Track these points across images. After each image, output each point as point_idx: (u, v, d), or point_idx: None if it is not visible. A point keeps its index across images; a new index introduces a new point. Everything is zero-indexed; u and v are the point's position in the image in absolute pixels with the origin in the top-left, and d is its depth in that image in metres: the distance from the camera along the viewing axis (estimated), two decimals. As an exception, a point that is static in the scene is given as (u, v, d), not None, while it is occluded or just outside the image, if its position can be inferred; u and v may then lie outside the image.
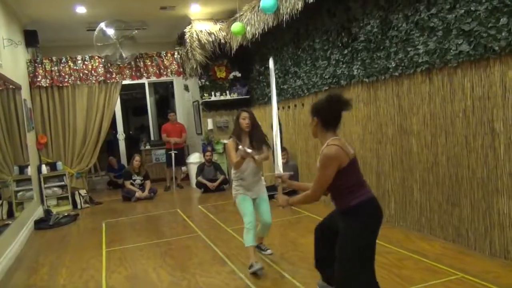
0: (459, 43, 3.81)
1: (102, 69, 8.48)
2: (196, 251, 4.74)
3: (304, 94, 6.73)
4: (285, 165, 7.31)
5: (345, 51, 5.53)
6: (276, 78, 7.67)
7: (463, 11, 3.73)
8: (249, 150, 3.71)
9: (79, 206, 7.98)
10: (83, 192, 8.17)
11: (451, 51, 3.90)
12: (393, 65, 4.66)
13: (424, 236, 4.44)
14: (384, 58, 4.81)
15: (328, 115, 2.65)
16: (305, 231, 5.09)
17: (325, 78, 6.06)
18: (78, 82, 8.36)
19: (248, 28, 7.13)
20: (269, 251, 4.28)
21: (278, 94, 7.64)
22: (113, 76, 8.59)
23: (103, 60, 8.47)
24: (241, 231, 4.05)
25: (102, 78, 8.50)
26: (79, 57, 8.37)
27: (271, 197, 4.16)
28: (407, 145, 4.65)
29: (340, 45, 5.64)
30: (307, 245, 4.53)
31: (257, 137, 4.02)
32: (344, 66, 5.60)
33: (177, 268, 4.23)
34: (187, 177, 9.79)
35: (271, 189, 4.98)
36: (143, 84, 10.92)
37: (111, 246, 5.23)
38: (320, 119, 2.67)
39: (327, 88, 6.04)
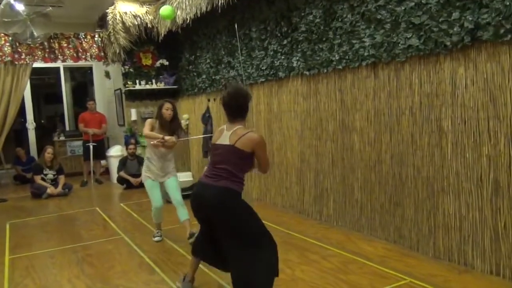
0: (408, 37, 3.66)
1: (9, 48, 7.48)
2: (119, 257, 4.19)
3: (238, 86, 6.36)
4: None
5: (284, 42, 5.25)
6: (207, 68, 7.24)
7: (413, 3, 3.58)
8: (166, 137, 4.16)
9: (-22, 204, 6.98)
10: (-17, 188, 7.15)
11: (399, 45, 3.74)
12: (337, 58, 4.45)
13: (364, 236, 4.29)
14: (326, 50, 4.59)
15: (226, 107, 2.96)
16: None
17: (261, 70, 5.74)
18: (-21, 62, 7.30)
19: (179, 12, 6.60)
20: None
21: (210, 85, 7.22)
22: (22, 57, 7.62)
23: (10, 38, 7.46)
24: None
25: (9, 58, 7.49)
26: (-20, 33, 7.30)
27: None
28: (349, 142, 4.47)
29: (279, 35, 5.35)
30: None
31: (175, 126, 4.43)
32: (282, 57, 5.31)
33: (97, 278, 3.67)
34: (106, 171, 9.03)
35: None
36: (58, 68, 9.90)
37: (16, 253, 4.50)
38: (224, 109, 2.99)
39: (263, 80, 5.73)
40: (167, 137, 4.21)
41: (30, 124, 9.66)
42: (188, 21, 6.46)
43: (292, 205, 5.48)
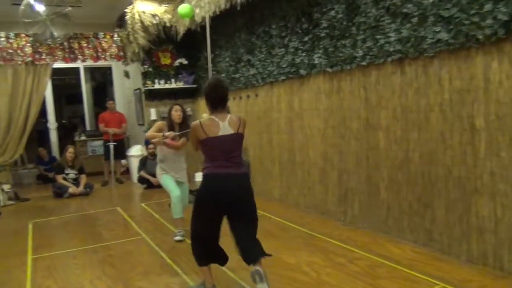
0: (437, 30, 3.51)
1: (30, 48, 7.54)
2: (140, 258, 4.14)
3: (258, 84, 6.27)
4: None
5: (305, 38, 5.13)
6: (227, 66, 7.16)
7: (442, -4, 3.43)
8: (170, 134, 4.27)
9: (1, 203, 7.03)
10: (6, 187, 7.21)
11: (428, 39, 3.59)
12: (360, 54, 4.31)
13: (391, 239, 4.15)
14: (349, 47, 4.45)
15: (209, 98, 3.10)
16: (262, 234, 4.63)
17: (282, 67, 5.63)
18: (1, 62, 7.38)
19: (197, 10, 6.53)
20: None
21: (229, 84, 7.13)
22: (43, 57, 7.67)
23: (31, 38, 7.51)
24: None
25: (30, 58, 7.55)
26: (2, 34, 7.37)
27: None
28: (374, 141, 4.33)
29: (300, 31, 5.23)
30: (267, 250, 4.10)
31: (184, 127, 4.44)
32: (304, 54, 5.19)
33: (119, 280, 3.62)
34: (127, 171, 9.04)
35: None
36: (78, 69, 9.95)
37: (39, 253, 4.49)
38: (207, 101, 3.13)
39: (284, 78, 5.62)
40: (166, 133, 4.33)
41: (52, 124, 9.73)
42: (206, 19, 6.38)
43: (315, 205, 5.36)
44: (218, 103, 3.07)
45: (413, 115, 3.85)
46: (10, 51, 7.42)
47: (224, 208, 3.00)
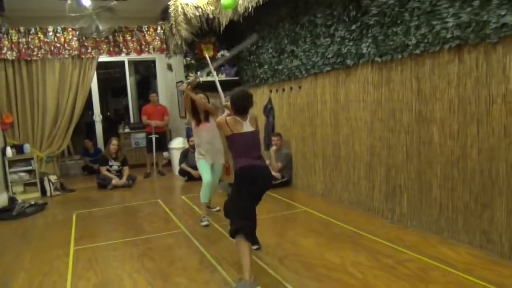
0: (502, 14, 3.18)
1: (76, 42, 7.66)
2: (179, 252, 4.06)
3: (302, 76, 6.06)
4: (277, 153, 6.68)
5: (353, 27, 4.86)
6: (269, 57, 6.98)
7: (508, -25, 3.11)
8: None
9: (48, 194, 7.22)
10: (53, 178, 7.39)
11: (491, 24, 3.27)
12: (414, 42, 4.02)
13: (444, 240, 3.86)
14: (401, 34, 4.16)
15: (235, 106, 3.38)
16: (304, 230, 4.49)
17: (327, 58, 5.40)
18: (49, 56, 7.54)
19: (240, 1, 6.38)
20: (217, 208, 5.30)
21: (272, 76, 6.96)
22: (89, 51, 7.78)
23: (77, 32, 7.64)
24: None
25: (76, 52, 7.68)
26: (50, 28, 7.52)
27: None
28: (427, 135, 4.04)
29: (347, 20, 4.97)
30: (309, 247, 3.94)
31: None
32: (351, 44, 4.94)
33: (157, 274, 3.56)
34: (169, 163, 9.08)
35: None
36: (123, 62, 10.07)
37: (81, 244, 4.52)
38: (232, 107, 3.41)
39: (329, 68, 5.38)
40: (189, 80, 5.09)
41: (97, 116, 9.91)
42: (249, 9, 6.23)
43: (360, 201, 5.11)
44: (242, 111, 3.39)
45: (472, 107, 3.54)
46: (58, 45, 7.56)
47: (256, 194, 3.38)
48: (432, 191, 4.03)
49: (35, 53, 7.42)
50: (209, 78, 8.30)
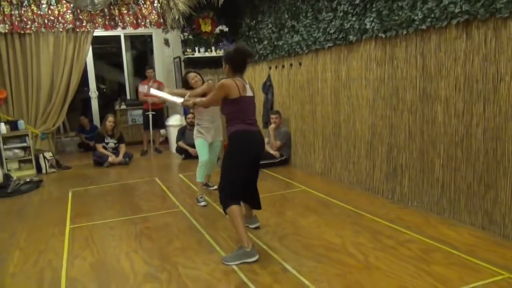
0: (514, -13, 3.05)
1: (71, 15, 7.45)
2: (177, 232, 4.00)
3: (303, 52, 5.91)
4: (275, 131, 6.59)
5: (356, 1, 4.70)
6: (269, 33, 6.81)
7: None
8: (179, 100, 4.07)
9: (43, 171, 7.13)
10: (48, 155, 7.28)
11: (502, -3, 3.14)
12: (420, 17, 3.87)
13: (445, 220, 3.81)
14: (407, 9, 4.02)
15: (235, 63, 3.26)
16: (304, 209, 4.43)
17: (329, 33, 5.25)
18: (43, 29, 7.34)
19: (240, -27, 6.18)
20: (215, 186, 4.99)
21: (271, 52, 6.80)
22: (84, 24, 7.58)
23: (71, 5, 7.42)
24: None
25: (71, 26, 7.48)
26: (43, 0, 7.29)
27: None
28: (430, 114, 3.94)
29: (350, -7, 4.81)
30: (308, 227, 3.88)
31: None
32: (354, 19, 4.79)
33: (155, 254, 3.50)
34: (166, 140, 8.97)
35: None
36: (119, 37, 9.86)
37: (77, 222, 4.46)
38: (230, 65, 3.27)
39: (331, 44, 5.23)
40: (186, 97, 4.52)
41: (93, 92, 9.75)
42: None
43: (360, 181, 5.05)
44: (242, 68, 3.30)
45: (479, 85, 3.43)
46: (51, 18, 7.36)
47: (256, 158, 3.44)
48: (435, 171, 3.96)
49: (28, 26, 7.22)
50: (206, 54, 8.16)
